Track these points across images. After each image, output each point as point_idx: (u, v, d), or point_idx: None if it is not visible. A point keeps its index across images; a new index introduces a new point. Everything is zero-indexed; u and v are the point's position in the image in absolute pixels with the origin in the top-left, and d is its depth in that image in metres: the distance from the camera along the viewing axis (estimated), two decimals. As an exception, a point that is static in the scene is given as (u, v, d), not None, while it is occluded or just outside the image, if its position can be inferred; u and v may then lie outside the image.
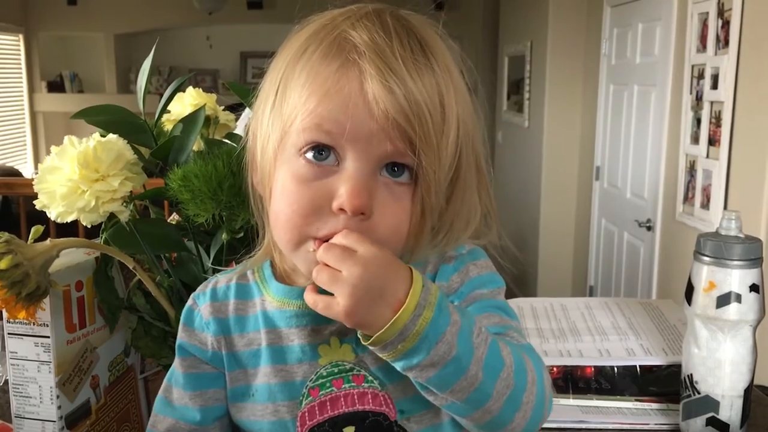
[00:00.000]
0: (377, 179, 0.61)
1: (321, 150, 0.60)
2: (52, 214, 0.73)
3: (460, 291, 0.68)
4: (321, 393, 0.67)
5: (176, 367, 0.72)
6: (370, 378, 0.66)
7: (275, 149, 0.63)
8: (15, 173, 5.87)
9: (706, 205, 2.60)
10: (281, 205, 0.62)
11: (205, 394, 0.71)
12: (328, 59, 0.61)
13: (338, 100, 0.59)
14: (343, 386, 0.66)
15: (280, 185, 0.63)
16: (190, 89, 0.95)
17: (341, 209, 0.59)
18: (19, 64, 7.30)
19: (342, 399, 0.66)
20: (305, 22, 0.66)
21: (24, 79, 7.35)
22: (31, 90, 7.43)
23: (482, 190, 0.68)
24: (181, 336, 0.72)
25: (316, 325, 0.67)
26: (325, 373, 0.67)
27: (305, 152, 0.61)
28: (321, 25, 0.64)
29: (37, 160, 7.41)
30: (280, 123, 0.63)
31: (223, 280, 0.72)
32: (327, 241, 0.59)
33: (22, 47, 7.28)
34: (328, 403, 0.66)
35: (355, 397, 0.66)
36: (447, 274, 0.68)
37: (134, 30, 7.44)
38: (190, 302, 0.73)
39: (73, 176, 0.71)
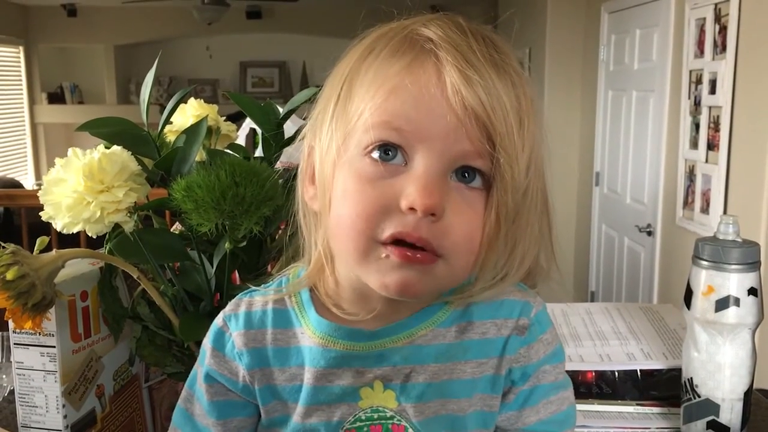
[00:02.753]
0: (448, 182, 0.56)
1: (388, 149, 0.56)
2: (58, 225, 0.74)
3: (525, 371, 0.65)
4: None
5: (202, 391, 0.67)
6: (410, 430, 0.63)
7: (338, 149, 0.58)
8: (16, 185, 5.88)
9: (705, 209, 2.61)
10: (344, 209, 0.57)
11: (230, 423, 0.67)
12: (399, 54, 0.57)
13: (412, 93, 0.55)
14: None
15: (341, 189, 0.58)
16: (191, 100, 0.96)
17: (411, 208, 0.54)
18: (20, 75, 7.34)
19: None
20: (366, 32, 0.61)
21: (24, 91, 7.38)
22: (32, 102, 7.46)
23: (544, 222, 0.63)
24: (210, 362, 0.67)
25: (362, 367, 0.63)
26: (363, 417, 0.63)
27: (370, 151, 0.56)
28: (386, 29, 0.60)
29: (37, 171, 7.43)
30: (344, 123, 0.58)
31: (259, 302, 0.67)
32: (397, 242, 0.55)
33: (22, 59, 7.32)
34: None
35: None
36: (515, 347, 0.64)
37: (134, 41, 7.48)
38: (219, 323, 0.67)
39: (79, 187, 0.72)
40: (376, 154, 0.56)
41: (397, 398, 0.63)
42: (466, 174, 0.57)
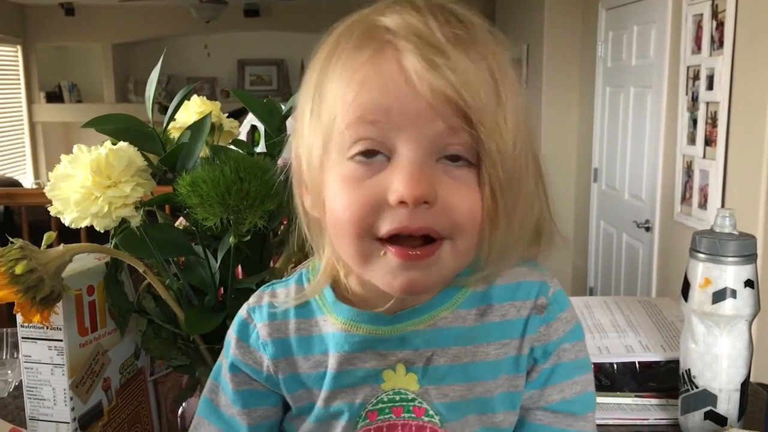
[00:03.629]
0: (434, 166, 0.55)
1: (369, 150, 0.56)
2: (66, 220, 0.75)
3: (546, 349, 0.66)
4: (378, 418, 0.64)
5: (227, 381, 0.68)
6: (431, 412, 0.64)
7: (320, 157, 0.59)
8: (15, 184, 5.88)
9: (703, 204, 2.62)
10: (336, 213, 0.57)
11: (254, 412, 0.68)
12: (361, 48, 0.56)
13: (377, 85, 0.55)
14: (403, 415, 0.64)
15: (332, 194, 0.58)
16: (194, 97, 0.97)
17: (401, 202, 0.54)
18: (18, 75, 7.34)
19: (400, 428, 0.64)
20: (331, 29, 0.61)
21: (22, 90, 7.38)
22: (30, 101, 7.46)
23: (540, 188, 0.63)
24: (235, 352, 0.68)
25: (384, 350, 0.64)
26: (386, 399, 0.64)
27: (353, 155, 0.56)
28: (348, 23, 0.60)
29: (36, 170, 7.43)
30: (322, 127, 0.58)
31: (281, 293, 0.68)
32: (394, 239, 0.55)
33: (20, 58, 7.31)
34: (384, 430, 0.64)
35: (413, 428, 0.64)
36: (535, 325, 0.65)
37: (132, 39, 7.48)
38: (243, 314, 0.69)
39: (86, 183, 0.73)
40: (358, 157, 0.56)
41: (419, 381, 0.64)
42: (452, 157, 0.56)
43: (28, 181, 7.14)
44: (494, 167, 0.56)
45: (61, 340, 0.79)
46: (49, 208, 0.76)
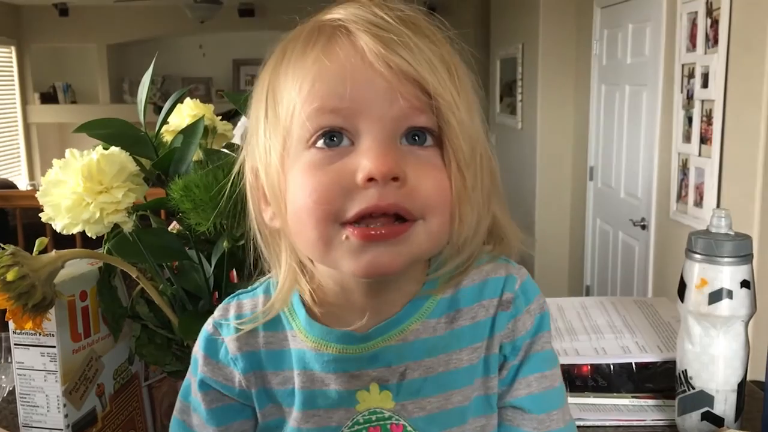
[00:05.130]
0: (399, 147, 0.55)
1: (332, 136, 0.55)
2: (58, 226, 0.75)
3: (514, 345, 0.65)
4: None
5: (198, 399, 0.66)
6: (409, 428, 0.63)
7: (280, 155, 0.57)
8: (9, 185, 5.87)
9: (699, 203, 2.62)
10: (299, 201, 0.56)
11: (230, 428, 0.67)
12: (312, 43, 0.57)
13: (334, 72, 0.54)
14: None
15: (294, 187, 0.56)
16: (187, 100, 0.96)
17: (370, 179, 0.53)
18: (12, 76, 7.31)
19: None
20: (274, 46, 0.62)
21: (17, 91, 7.35)
22: (24, 102, 7.43)
23: (494, 194, 0.62)
24: (203, 369, 0.66)
25: (356, 370, 0.62)
26: (361, 420, 0.63)
27: (314, 142, 0.55)
28: (293, 32, 0.61)
29: (31, 172, 7.41)
30: (279, 126, 0.58)
31: (248, 305, 0.66)
32: (360, 221, 0.54)
33: (14, 59, 7.29)
34: None
35: None
36: (503, 322, 0.64)
37: (126, 40, 7.46)
38: (209, 329, 0.67)
39: (78, 189, 0.73)
40: (320, 143, 0.55)
41: (394, 398, 0.63)
42: (416, 136, 0.56)
43: (23, 183, 7.12)
44: (457, 139, 0.56)
45: (54, 347, 0.79)
46: (40, 214, 0.76)
